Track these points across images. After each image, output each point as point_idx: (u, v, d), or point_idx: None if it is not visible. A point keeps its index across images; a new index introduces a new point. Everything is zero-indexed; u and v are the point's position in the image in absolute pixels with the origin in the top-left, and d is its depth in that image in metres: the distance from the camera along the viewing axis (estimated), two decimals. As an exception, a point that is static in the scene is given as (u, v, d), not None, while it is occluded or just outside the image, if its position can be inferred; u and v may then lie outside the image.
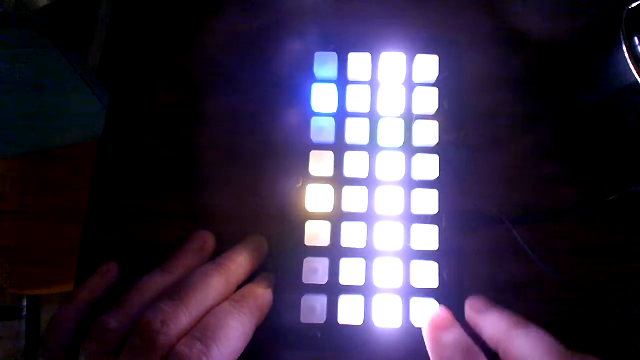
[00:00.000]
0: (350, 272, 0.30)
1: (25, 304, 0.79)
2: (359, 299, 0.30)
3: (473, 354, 0.26)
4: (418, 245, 0.31)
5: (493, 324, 0.27)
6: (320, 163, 0.31)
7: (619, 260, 0.32)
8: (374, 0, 0.36)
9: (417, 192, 0.31)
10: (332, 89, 0.32)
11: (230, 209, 0.33)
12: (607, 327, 0.31)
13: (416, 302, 0.30)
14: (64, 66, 0.55)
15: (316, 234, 0.31)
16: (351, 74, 0.33)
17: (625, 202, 0.33)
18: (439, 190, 0.31)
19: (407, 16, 0.36)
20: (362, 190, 0.31)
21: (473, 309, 0.29)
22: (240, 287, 0.30)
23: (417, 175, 0.31)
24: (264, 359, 0.31)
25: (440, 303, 0.30)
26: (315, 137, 0.32)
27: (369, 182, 0.31)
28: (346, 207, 0.31)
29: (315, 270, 0.30)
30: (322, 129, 0.32)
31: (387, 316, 0.30)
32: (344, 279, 0.30)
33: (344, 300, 0.30)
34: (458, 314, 0.29)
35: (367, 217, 0.31)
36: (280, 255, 0.31)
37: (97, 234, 0.33)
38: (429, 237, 0.30)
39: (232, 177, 0.34)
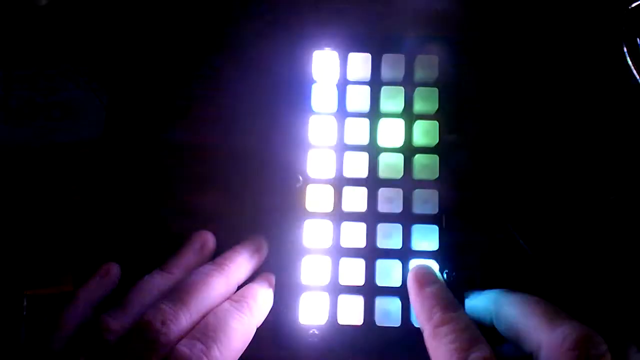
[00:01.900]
0: (350, 272, 0.30)
1: (25, 304, 0.79)
2: (359, 299, 0.30)
3: (453, 304, 0.26)
4: (418, 245, 0.31)
5: (486, 296, 0.28)
6: (320, 163, 0.31)
7: (619, 260, 0.32)
8: (374, 1, 0.36)
9: (417, 192, 0.31)
10: (332, 89, 0.32)
11: (230, 209, 0.33)
12: (607, 327, 0.31)
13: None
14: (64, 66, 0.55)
15: (316, 233, 0.31)
16: (351, 74, 0.33)
17: (625, 202, 0.33)
18: (439, 191, 0.31)
19: (407, 16, 0.36)
20: (362, 190, 0.31)
21: (469, 298, 0.30)
22: (240, 287, 0.30)
23: (417, 176, 0.31)
24: (264, 359, 0.31)
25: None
26: (315, 136, 0.32)
27: (369, 182, 0.31)
28: (346, 207, 0.31)
29: (315, 271, 0.30)
30: (322, 128, 0.32)
31: (387, 316, 0.30)
32: (344, 279, 0.30)
33: (344, 300, 0.30)
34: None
35: (367, 217, 0.31)
36: (280, 255, 0.31)
37: (97, 234, 0.33)
38: (429, 237, 0.31)
39: (231, 177, 0.34)
